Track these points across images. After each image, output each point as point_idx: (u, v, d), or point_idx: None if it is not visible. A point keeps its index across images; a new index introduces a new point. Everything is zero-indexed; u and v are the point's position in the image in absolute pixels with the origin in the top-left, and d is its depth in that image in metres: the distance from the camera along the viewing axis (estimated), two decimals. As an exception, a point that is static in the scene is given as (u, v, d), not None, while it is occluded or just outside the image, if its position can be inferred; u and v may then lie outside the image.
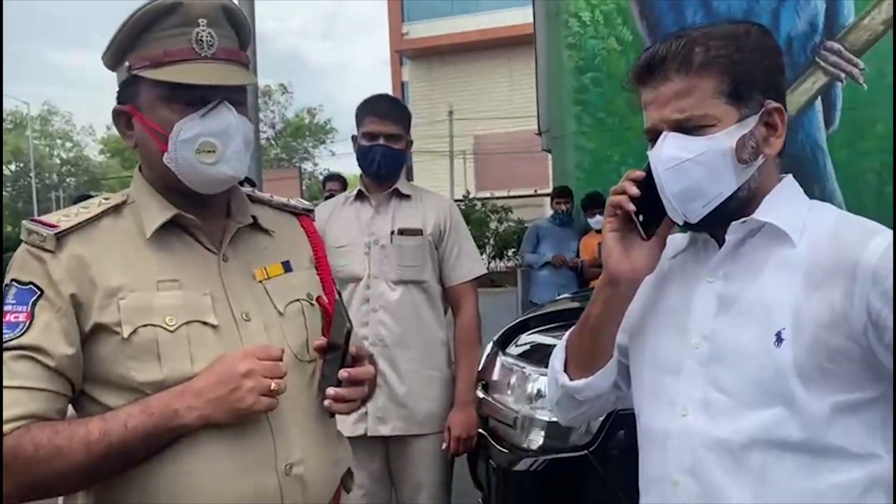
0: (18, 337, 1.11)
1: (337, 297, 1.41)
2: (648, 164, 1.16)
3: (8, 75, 64.74)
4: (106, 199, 1.26)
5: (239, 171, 1.24)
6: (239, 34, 1.27)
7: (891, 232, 1.08)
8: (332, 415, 1.31)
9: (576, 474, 2.26)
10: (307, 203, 1.51)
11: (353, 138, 2.55)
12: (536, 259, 6.41)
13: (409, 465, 2.46)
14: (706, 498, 1.12)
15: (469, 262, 2.54)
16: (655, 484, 1.20)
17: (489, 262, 10.84)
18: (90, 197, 1.32)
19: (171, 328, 1.17)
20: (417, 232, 2.45)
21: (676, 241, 1.26)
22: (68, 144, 43.95)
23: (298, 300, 1.33)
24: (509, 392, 2.54)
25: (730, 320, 1.14)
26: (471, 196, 14.39)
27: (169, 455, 1.15)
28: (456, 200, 15.68)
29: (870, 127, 6.67)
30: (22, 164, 39.65)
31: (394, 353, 2.42)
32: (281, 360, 1.20)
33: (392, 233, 2.44)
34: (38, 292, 1.14)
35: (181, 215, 1.24)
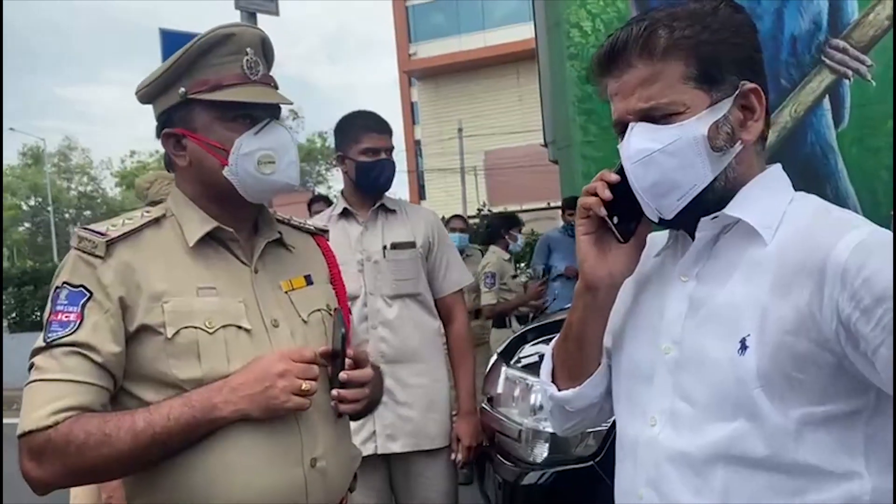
0: (70, 334, 1.20)
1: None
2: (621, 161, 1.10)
3: (23, 111, 65.84)
4: (147, 212, 1.35)
5: (293, 179, 1.37)
6: (269, 62, 1.40)
7: (872, 227, 0.98)
8: (340, 415, 1.39)
9: (583, 486, 2.21)
10: (322, 224, 1.62)
11: (340, 157, 2.50)
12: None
13: (416, 481, 2.43)
14: None
15: (457, 273, 2.54)
16: (624, 496, 1.13)
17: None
18: None
19: (210, 330, 1.27)
20: (410, 245, 2.43)
21: (658, 238, 1.18)
22: (85, 179, 44.52)
23: (319, 310, 1.43)
24: (513, 405, 2.50)
25: (697, 324, 1.05)
26: (486, 208, 14.38)
27: (206, 446, 1.24)
28: (470, 216, 15.66)
29: (881, 123, 6.57)
30: (40, 199, 40.19)
31: (398, 369, 2.39)
32: (314, 362, 1.30)
33: (384, 248, 2.42)
34: (88, 294, 1.23)
35: (220, 228, 1.34)
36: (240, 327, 1.29)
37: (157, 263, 1.28)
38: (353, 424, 1.75)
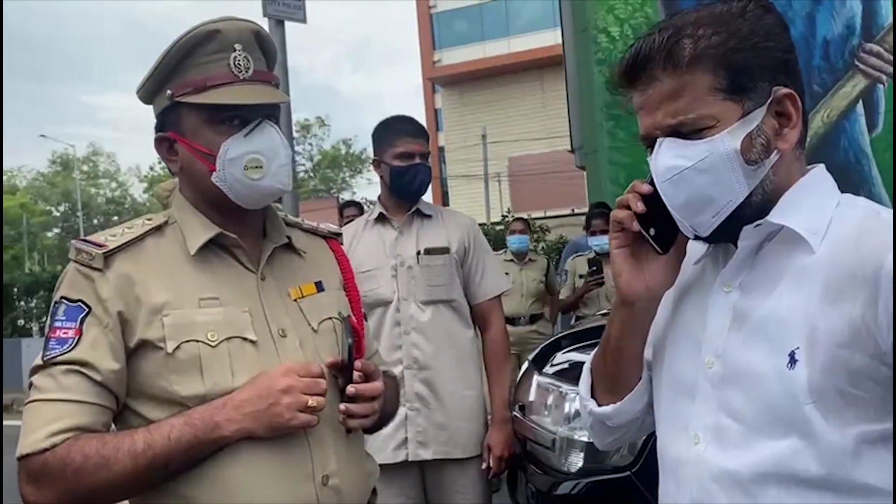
0: (68, 352, 1.16)
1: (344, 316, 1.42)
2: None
3: (51, 118, 66.93)
4: (149, 219, 1.30)
5: (285, 184, 1.29)
6: (267, 57, 1.32)
7: None
8: (349, 430, 1.31)
9: (619, 497, 2.17)
10: (335, 227, 1.54)
11: (376, 162, 2.50)
12: (575, 277, 6.33)
13: (449, 489, 2.41)
14: None
15: (494, 278, 2.52)
16: None
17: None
18: None
19: (213, 343, 1.20)
20: (444, 250, 2.42)
21: (697, 244, 1.12)
22: (113, 185, 45.13)
23: (331, 318, 1.35)
24: (546, 413, 2.46)
25: (742, 337, 1.00)
26: (511, 215, 14.27)
27: (210, 466, 1.18)
28: (494, 223, 15.63)
29: (915, 129, 6.46)
30: (69, 205, 40.79)
31: (430, 375, 2.38)
32: (322, 377, 1.23)
33: (418, 253, 2.41)
34: (87, 309, 1.18)
35: (223, 234, 1.28)
36: (245, 339, 1.23)
37: (158, 274, 1.23)
38: (385, 430, 1.72)
